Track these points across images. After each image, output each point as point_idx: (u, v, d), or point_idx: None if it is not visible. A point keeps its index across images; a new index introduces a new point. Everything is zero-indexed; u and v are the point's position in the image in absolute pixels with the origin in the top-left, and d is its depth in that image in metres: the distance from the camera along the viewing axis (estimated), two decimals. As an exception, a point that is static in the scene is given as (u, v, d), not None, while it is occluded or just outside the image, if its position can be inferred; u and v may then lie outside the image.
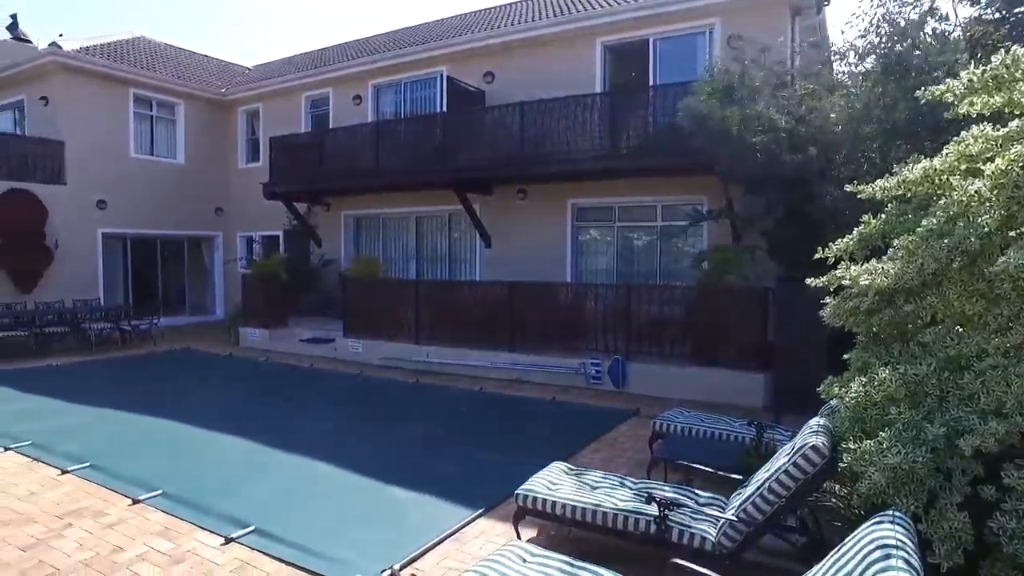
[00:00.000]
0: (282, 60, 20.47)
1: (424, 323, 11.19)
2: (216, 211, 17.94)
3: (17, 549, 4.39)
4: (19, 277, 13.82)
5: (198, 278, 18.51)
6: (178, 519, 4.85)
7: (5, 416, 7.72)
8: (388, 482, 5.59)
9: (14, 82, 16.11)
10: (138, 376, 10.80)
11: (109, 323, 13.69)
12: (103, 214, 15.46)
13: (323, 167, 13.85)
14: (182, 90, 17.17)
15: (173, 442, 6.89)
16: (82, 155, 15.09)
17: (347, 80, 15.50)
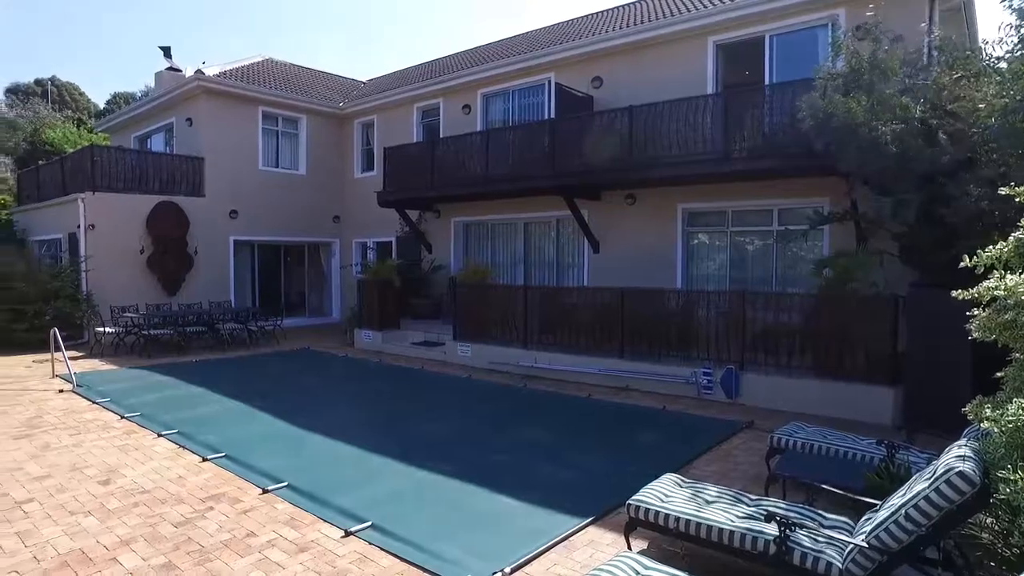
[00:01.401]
0: (394, 73, 21.38)
1: (532, 328, 11.27)
2: (334, 219, 18.95)
3: (171, 525, 4.84)
4: (166, 281, 15.27)
5: (317, 282, 19.64)
6: (302, 510, 5.14)
7: (159, 405, 8.53)
8: (497, 486, 5.65)
9: (167, 107, 17.87)
10: (264, 374, 11.56)
11: (239, 323, 14.78)
12: (234, 223, 16.76)
13: (434, 175, 14.28)
14: (304, 106, 18.29)
15: (294, 438, 7.30)
16: (218, 169, 16.45)
17: (457, 90, 15.92)
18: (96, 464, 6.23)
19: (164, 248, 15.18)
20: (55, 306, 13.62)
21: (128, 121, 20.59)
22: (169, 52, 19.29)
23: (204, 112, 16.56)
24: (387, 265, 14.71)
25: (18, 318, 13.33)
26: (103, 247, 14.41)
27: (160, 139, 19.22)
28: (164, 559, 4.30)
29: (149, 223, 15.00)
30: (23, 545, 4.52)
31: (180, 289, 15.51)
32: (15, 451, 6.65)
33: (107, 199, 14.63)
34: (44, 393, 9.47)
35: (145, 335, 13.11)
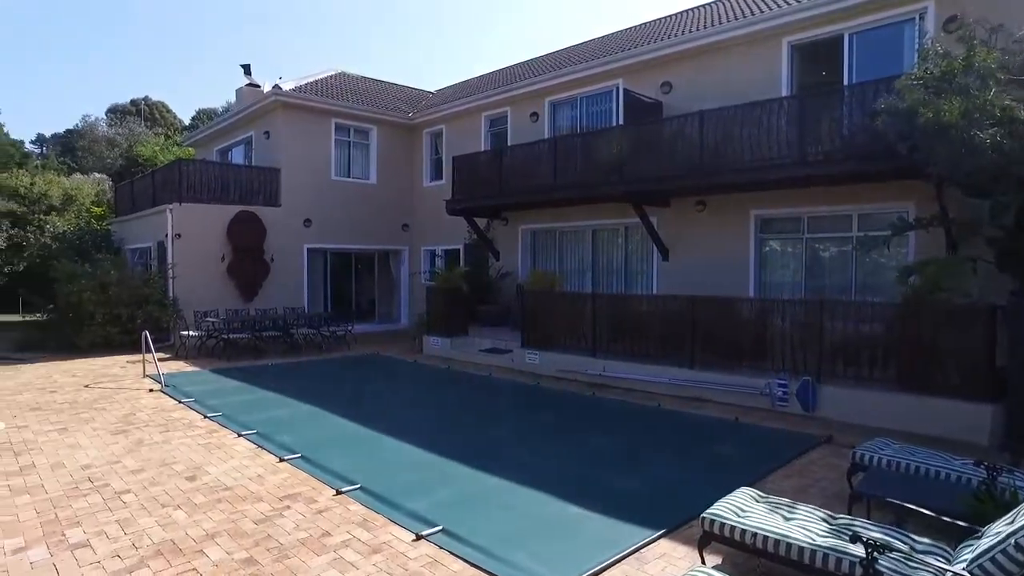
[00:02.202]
0: (462, 83, 21.70)
1: (601, 336, 11.17)
2: (403, 227, 19.36)
3: (251, 522, 5.03)
4: (244, 287, 15.95)
5: (386, 289, 20.09)
6: (374, 512, 5.23)
7: (238, 407, 8.90)
8: (567, 494, 5.61)
9: (247, 121, 18.73)
10: (336, 378, 11.89)
11: (312, 329, 15.28)
12: (308, 231, 17.35)
13: (502, 183, 14.39)
14: (375, 117, 18.79)
15: (366, 441, 7.47)
16: (293, 179, 17.09)
17: (524, 98, 16.02)
18: (183, 461, 6.56)
19: (243, 256, 15.88)
20: (145, 310, 14.44)
21: (211, 135, 21.69)
22: (249, 69, 20.20)
23: (281, 125, 17.25)
24: (455, 272, 14.90)
25: (114, 321, 14.20)
26: (188, 255, 15.21)
27: (240, 152, 20.17)
28: (246, 554, 4.47)
29: (229, 232, 15.73)
30: (123, 532, 4.81)
31: (257, 295, 16.18)
32: (114, 445, 7.08)
33: (192, 209, 15.43)
34: (137, 392, 10.05)
35: (225, 339, 13.73)
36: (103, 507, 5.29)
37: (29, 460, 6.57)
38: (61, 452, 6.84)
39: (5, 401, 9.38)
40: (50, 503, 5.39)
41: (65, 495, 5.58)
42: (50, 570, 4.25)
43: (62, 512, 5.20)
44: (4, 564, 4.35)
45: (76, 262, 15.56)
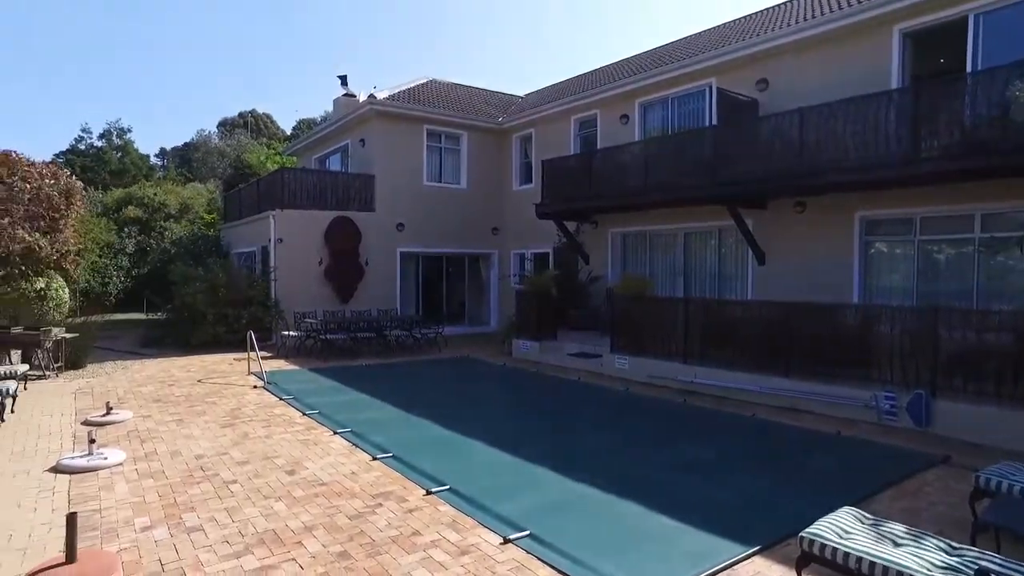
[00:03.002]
0: (551, 87, 21.73)
1: (692, 342, 10.86)
2: (493, 231, 19.58)
3: (346, 517, 5.21)
4: (341, 290, 16.62)
5: (476, 292, 20.38)
6: (463, 514, 5.29)
7: (334, 406, 9.24)
8: (657, 504, 5.48)
9: (344, 130, 19.56)
10: (427, 379, 12.15)
11: (404, 331, 15.69)
12: (401, 235, 17.88)
13: (592, 186, 14.29)
14: (465, 122, 19.13)
15: (455, 443, 7.57)
16: (387, 185, 17.66)
17: (614, 101, 15.85)
18: (284, 455, 6.88)
19: (339, 259, 16.56)
20: (250, 311, 15.31)
21: (310, 144, 22.78)
22: (346, 80, 21.07)
23: (375, 133, 17.87)
24: (545, 276, 14.91)
25: (222, 321, 15.14)
26: (289, 258, 16.01)
27: (337, 159, 21.07)
28: (341, 548, 4.62)
29: (327, 236, 16.45)
30: (231, 520, 5.10)
31: (352, 297, 16.82)
32: (222, 437, 7.54)
33: (293, 215, 16.25)
34: (242, 388, 10.66)
35: (322, 339, 14.33)
36: (213, 495, 5.63)
37: (152, 447, 7.11)
38: (178, 441, 7.35)
39: (133, 392, 10.21)
40: (169, 488, 5.81)
41: (182, 481, 5.99)
42: (171, 549, 4.58)
43: (179, 497, 5.58)
44: (135, 539, 4.74)
45: (191, 266, 16.71)
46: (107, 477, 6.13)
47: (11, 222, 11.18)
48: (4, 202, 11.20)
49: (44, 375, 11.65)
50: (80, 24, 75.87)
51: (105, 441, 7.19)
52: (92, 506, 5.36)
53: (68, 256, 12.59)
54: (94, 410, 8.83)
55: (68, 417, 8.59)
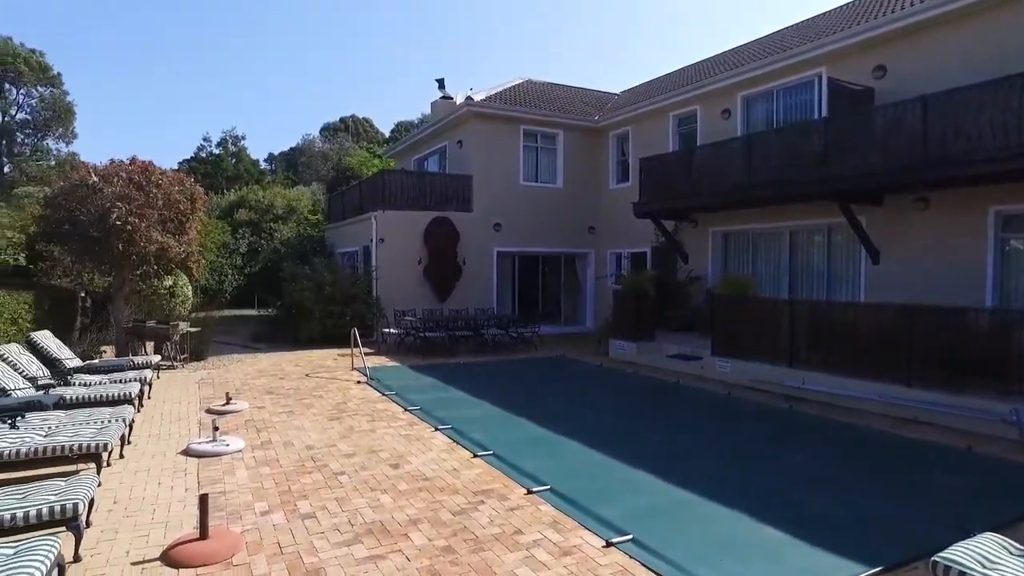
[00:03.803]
0: (648, 83, 21.32)
1: (799, 346, 10.34)
2: (589, 230, 19.45)
3: (449, 512, 5.31)
4: (439, 289, 17.03)
5: (571, 291, 20.32)
6: (564, 515, 5.26)
7: (435, 403, 9.46)
8: (761, 514, 5.25)
9: (442, 132, 20.02)
10: (524, 378, 12.20)
11: (501, 329, 15.85)
12: (498, 235, 18.08)
13: (691, 184, 13.91)
14: (561, 122, 19.10)
15: (554, 443, 7.54)
16: (484, 185, 17.91)
17: (714, 95, 15.36)
18: (387, 449, 7.10)
19: (438, 258, 16.98)
20: (353, 309, 15.93)
21: (409, 147, 23.46)
22: (443, 83, 21.53)
23: (472, 134, 18.17)
24: (643, 276, 14.65)
25: (327, 318, 15.84)
26: (389, 258, 16.57)
27: (435, 160, 21.58)
28: (445, 542, 4.71)
29: (426, 236, 16.90)
30: (341, 509, 5.32)
31: (450, 296, 17.18)
32: (330, 430, 7.89)
33: (393, 216, 16.79)
34: (346, 383, 11.11)
35: (421, 337, 14.70)
36: (324, 485, 5.89)
37: (267, 437, 7.54)
38: (290, 432, 7.75)
39: (248, 384, 10.87)
40: (284, 476, 6.13)
41: (295, 471, 6.30)
42: (287, 534, 4.83)
43: (293, 485, 5.88)
44: (256, 523, 5.04)
45: (298, 265, 17.60)
46: (229, 462, 6.55)
47: (147, 225, 12.16)
48: (142, 207, 12.19)
49: (172, 365, 12.61)
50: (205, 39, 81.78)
51: (225, 429, 7.67)
52: (218, 488, 5.73)
53: (193, 256, 13.55)
54: (215, 399, 9.46)
55: (193, 405, 9.26)
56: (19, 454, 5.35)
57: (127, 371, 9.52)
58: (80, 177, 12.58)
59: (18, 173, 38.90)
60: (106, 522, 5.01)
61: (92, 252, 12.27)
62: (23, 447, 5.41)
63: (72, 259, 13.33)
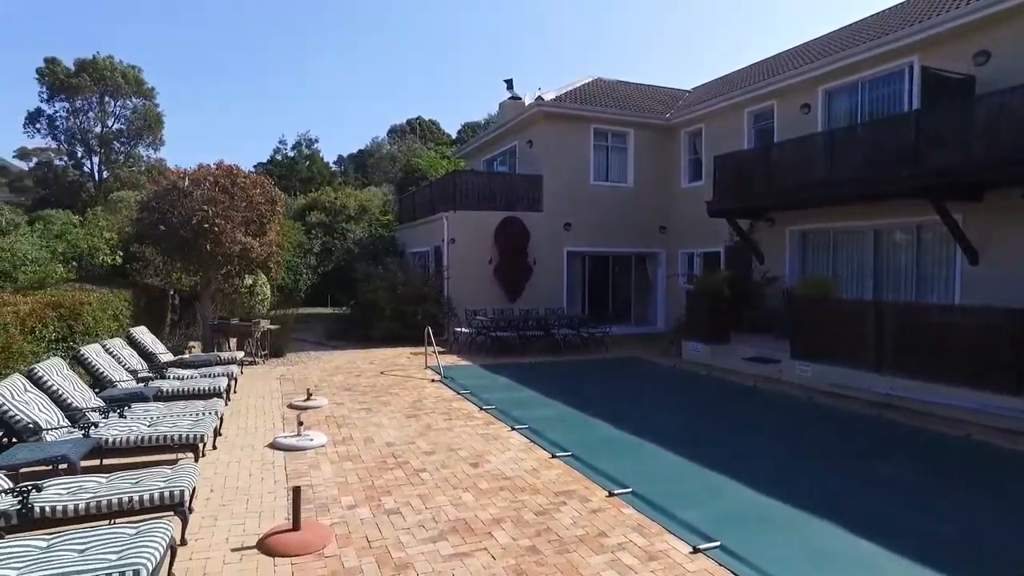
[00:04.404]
0: (720, 79, 20.80)
1: (887, 350, 9.83)
2: (660, 229, 19.13)
3: (531, 512, 5.30)
4: (509, 288, 17.10)
5: (642, 291, 20.03)
6: (648, 518, 5.18)
7: (509, 402, 9.49)
8: (853, 526, 5.02)
9: (511, 132, 20.11)
10: (596, 379, 12.10)
11: (571, 329, 15.77)
12: (568, 235, 18.00)
13: (768, 182, 13.45)
14: (632, 120, 18.85)
15: (631, 445, 7.44)
16: (554, 185, 17.87)
17: (793, 90, 14.82)
18: (466, 447, 7.16)
19: (508, 258, 17.05)
20: (424, 308, 16.17)
21: (479, 147, 23.64)
22: (511, 84, 21.60)
23: (543, 134, 18.16)
24: (717, 276, 14.29)
25: (399, 317, 16.14)
26: (460, 258, 16.74)
27: (504, 161, 21.69)
28: (529, 542, 4.71)
29: (496, 236, 16.99)
30: (424, 506, 5.40)
31: (520, 295, 17.23)
32: (408, 427, 8.02)
33: (464, 216, 16.95)
34: (420, 381, 11.28)
35: (492, 336, 14.79)
36: (406, 481, 5.99)
37: (348, 433, 7.73)
38: (369, 429, 7.92)
39: (326, 381, 11.18)
40: (367, 472, 6.27)
41: (377, 467, 6.44)
42: (374, 528, 4.94)
43: (376, 481, 6.00)
44: (343, 516, 5.18)
45: (370, 265, 18.00)
46: (313, 457, 6.75)
47: (232, 227, 12.71)
48: (227, 209, 12.76)
49: (254, 361, 13.12)
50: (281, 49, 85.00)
51: (308, 424, 7.91)
52: (304, 481, 5.91)
53: (273, 256, 14.07)
54: (296, 395, 9.78)
55: (276, 400, 9.59)
56: (128, 441, 5.68)
57: (214, 366, 9.96)
58: (171, 181, 13.26)
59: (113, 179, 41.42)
60: (205, 509, 5.24)
61: (182, 252, 12.91)
62: (131, 435, 5.73)
63: (163, 259, 14.07)
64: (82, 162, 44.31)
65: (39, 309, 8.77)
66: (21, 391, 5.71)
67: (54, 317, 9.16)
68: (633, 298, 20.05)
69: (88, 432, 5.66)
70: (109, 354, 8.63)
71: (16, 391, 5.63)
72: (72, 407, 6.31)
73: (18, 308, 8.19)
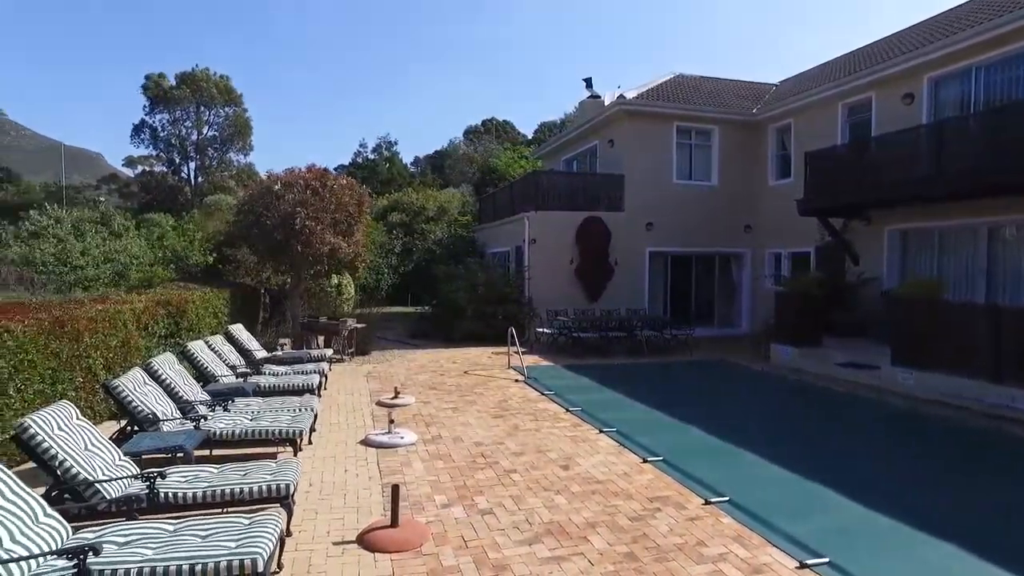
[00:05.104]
0: (810, 71, 19.92)
1: (1007, 359, 9.09)
2: (745, 229, 18.49)
3: (626, 518, 5.20)
4: (590, 289, 16.95)
5: (726, 293, 19.42)
6: (748, 529, 4.98)
7: (594, 404, 9.37)
8: (977, 548, 4.65)
9: (591, 131, 19.94)
10: (683, 383, 11.82)
11: (654, 330, 15.47)
12: (650, 235, 17.67)
13: (866, 178, 12.73)
14: (716, 116, 18.31)
15: (724, 451, 7.19)
16: (636, 185, 17.58)
17: (894, 79, 13.98)
18: (555, 449, 7.11)
19: (589, 258, 16.90)
20: (505, 308, 16.23)
21: (558, 147, 23.55)
22: (590, 82, 21.42)
23: (624, 133, 17.89)
24: (808, 277, 13.69)
25: (480, 317, 16.26)
26: (541, 258, 16.71)
27: (584, 160, 21.51)
28: (626, 548, 4.61)
29: (577, 236, 16.88)
30: (517, 507, 5.39)
31: (601, 296, 17.03)
32: (495, 428, 8.04)
33: (545, 216, 16.92)
34: (504, 381, 11.31)
35: (574, 337, 14.68)
36: (497, 482, 6.00)
37: (436, 431, 7.83)
38: (457, 428, 7.99)
39: (411, 380, 11.38)
40: (458, 471, 6.32)
41: (467, 466, 6.48)
42: (469, 528, 4.96)
43: (468, 480, 6.04)
44: (438, 515, 5.23)
45: (451, 265, 18.23)
46: (404, 455, 6.86)
47: (322, 228, 13.17)
48: (317, 211, 13.23)
49: (341, 359, 13.52)
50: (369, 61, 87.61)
51: (397, 422, 8.06)
52: (397, 479, 6.01)
53: (360, 256, 14.48)
54: (383, 393, 9.99)
55: (364, 397, 9.84)
56: (233, 435, 5.94)
57: (306, 363, 10.33)
58: (265, 185, 13.86)
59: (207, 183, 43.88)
60: (306, 502, 5.41)
61: (275, 253, 13.46)
62: (236, 428, 5.99)
63: (257, 259, 14.73)
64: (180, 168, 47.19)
65: (151, 307, 9.32)
66: (141, 383, 6.08)
67: (163, 314, 9.72)
68: (716, 299, 19.46)
69: (198, 424, 5.96)
70: (211, 350, 9.09)
71: (137, 383, 6.00)
72: (182, 399, 6.67)
73: (134, 306, 8.72)
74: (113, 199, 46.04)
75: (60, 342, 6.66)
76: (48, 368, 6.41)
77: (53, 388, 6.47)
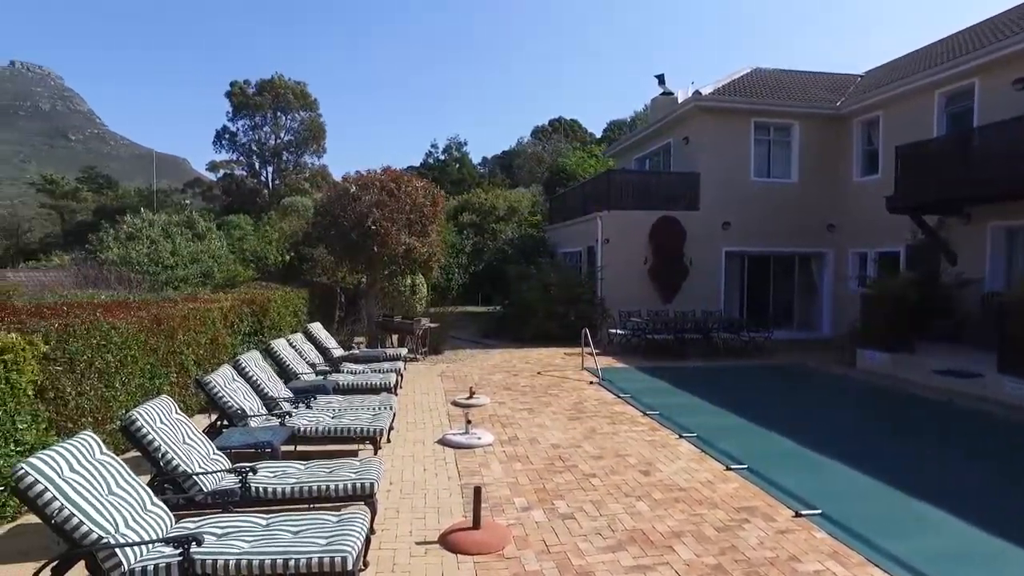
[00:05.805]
0: (900, 60, 18.86)
1: None
2: (827, 228, 17.68)
3: (712, 528, 5.01)
4: (664, 289, 16.59)
5: (806, 294, 18.63)
6: (844, 546, 4.70)
7: (672, 408, 9.12)
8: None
9: (665, 129, 19.53)
10: (763, 387, 11.38)
11: (730, 332, 14.98)
12: (726, 234, 17.14)
13: (967, 172, 11.91)
14: (796, 111, 17.59)
15: (811, 461, 6.86)
16: (712, 183, 17.09)
17: (1003, 63, 12.93)
18: (634, 454, 6.94)
19: (663, 259, 16.55)
20: (577, 309, 16.08)
21: (630, 145, 23.18)
22: (663, 79, 21.00)
23: (699, 130, 17.42)
24: (898, 278, 12.92)
25: (552, 317, 16.16)
26: (614, 258, 16.46)
27: (657, 158, 21.08)
28: (714, 560, 4.43)
29: (651, 236, 16.55)
30: (598, 513, 5.27)
31: (675, 297, 16.63)
32: (572, 430, 7.93)
33: (618, 216, 16.66)
34: (578, 383, 11.18)
35: (648, 338, 14.38)
36: (576, 486, 5.89)
37: (512, 433, 7.79)
38: (533, 430, 7.93)
39: (485, 380, 11.40)
40: (536, 473, 6.25)
41: (545, 468, 6.40)
42: (551, 532, 4.89)
43: (547, 483, 5.96)
44: (517, 517, 5.18)
45: (523, 265, 18.21)
46: (482, 455, 6.85)
47: (397, 229, 13.40)
48: (392, 212, 13.47)
49: (415, 358, 13.70)
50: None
51: (473, 423, 8.06)
52: (476, 479, 6.00)
53: (434, 256, 14.64)
54: (458, 392, 10.04)
55: (439, 397, 9.91)
56: (317, 432, 6.07)
57: (383, 362, 10.49)
58: (343, 187, 14.21)
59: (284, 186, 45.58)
60: (387, 501, 5.46)
61: (351, 253, 13.78)
62: (319, 425, 6.12)
63: (334, 259, 15.12)
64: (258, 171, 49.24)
65: (236, 305, 9.69)
66: (230, 380, 6.30)
67: (248, 313, 10.09)
68: (795, 301, 18.68)
69: (283, 421, 6.12)
70: (293, 348, 9.35)
71: (227, 380, 6.22)
72: (267, 396, 6.87)
73: (222, 305, 9.08)
74: (197, 202, 48.51)
75: (158, 339, 7.00)
76: (147, 363, 6.75)
77: (151, 383, 6.81)
